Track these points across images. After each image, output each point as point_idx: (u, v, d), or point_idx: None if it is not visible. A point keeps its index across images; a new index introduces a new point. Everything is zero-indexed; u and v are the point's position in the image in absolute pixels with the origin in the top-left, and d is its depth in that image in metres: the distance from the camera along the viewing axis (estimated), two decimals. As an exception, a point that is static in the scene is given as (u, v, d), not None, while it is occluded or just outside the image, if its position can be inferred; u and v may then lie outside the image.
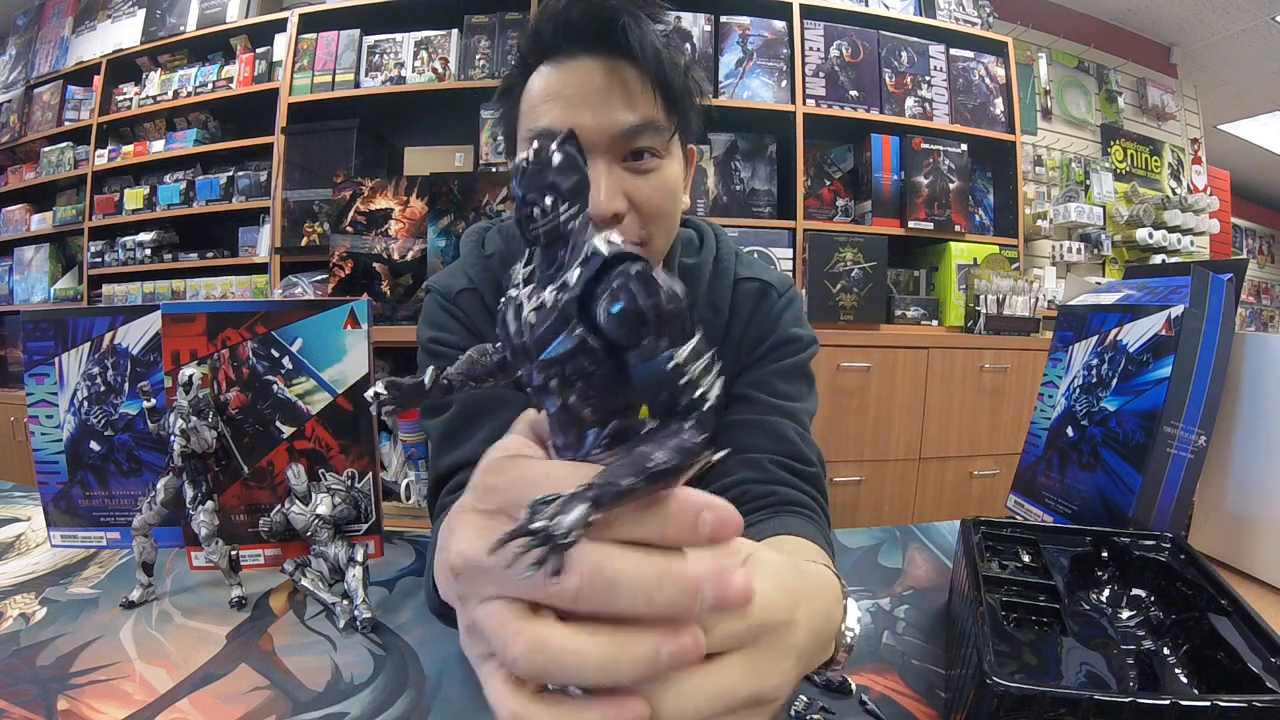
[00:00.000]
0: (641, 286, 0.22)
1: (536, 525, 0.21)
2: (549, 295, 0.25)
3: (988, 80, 2.49)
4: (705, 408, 0.23)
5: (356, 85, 2.27)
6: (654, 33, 0.60)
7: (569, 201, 0.25)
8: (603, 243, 0.24)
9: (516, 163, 0.24)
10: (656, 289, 0.22)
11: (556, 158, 0.24)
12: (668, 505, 0.23)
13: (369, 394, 0.31)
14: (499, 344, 0.28)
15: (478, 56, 2.22)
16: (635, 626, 0.22)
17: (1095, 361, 0.77)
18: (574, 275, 0.24)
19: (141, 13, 2.70)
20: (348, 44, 2.29)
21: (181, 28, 2.60)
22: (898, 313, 2.32)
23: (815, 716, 0.32)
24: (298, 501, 0.64)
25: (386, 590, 0.67)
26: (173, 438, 0.61)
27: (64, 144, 2.81)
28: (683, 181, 0.69)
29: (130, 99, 2.69)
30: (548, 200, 0.24)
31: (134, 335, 0.70)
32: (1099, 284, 0.94)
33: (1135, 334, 0.72)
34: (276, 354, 0.67)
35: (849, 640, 0.39)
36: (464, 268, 0.75)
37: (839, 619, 0.38)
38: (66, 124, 2.81)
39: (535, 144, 0.25)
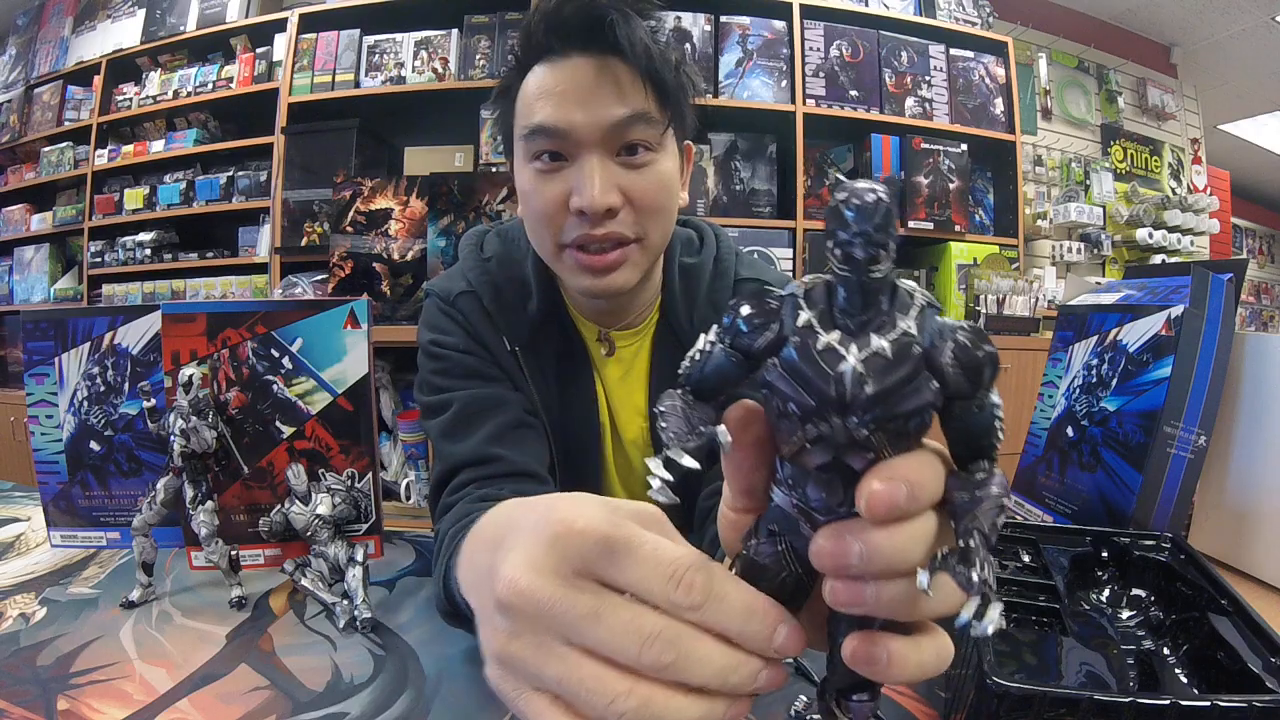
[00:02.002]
0: (983, 340, 0.24)
1: (984, 587, 0.23)
2: (883, 344, 0.23)
3: (988, 80, 2.49)
4: (999, 444, 0.26)
5: (356, 85, 2.27)
6: (643, 29, 0.61)
7: (888, 253, 0.24)
8: (922, 294, 0.25)
9: (859, 197, 0.22)
10: (988, 340, 0.24)
11: (890, 198, 0.24)
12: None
13: (656, 487, 0.26)
14: (776, 395, 0.25)
15: (478, 56, 2.22)
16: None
17: (1095, 361, 0.77)
18: (913, 325, 0.24)
19: (141, 13, 2.70)
20: (348, 44, 2.29)
21: (181, 28, 2.60)
22: (898, 313, 2.32)
23: (815, 717, 0.32)
24: (298, 501, 0.64)
25: (386, 590, 0.67)
26: (173, 438, 0.61)
27: (64, 144, 2.81)
28: (679, 177, 0.69)
29: (130, 99, 2.69)
30: (892, 245, 0.23)
31: (134, 335, 0.70)
32: (1099, 284, 0.94)
33: (1135, 334, 0.72)
34: (276, 354, 0.67)
35: None
36: (463, 271, 0.76)
37: None
38: (66, 124, 2.81)
39: (874, 185, 0.23)
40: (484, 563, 0.28)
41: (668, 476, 0.25)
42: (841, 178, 0.25)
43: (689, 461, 0.25)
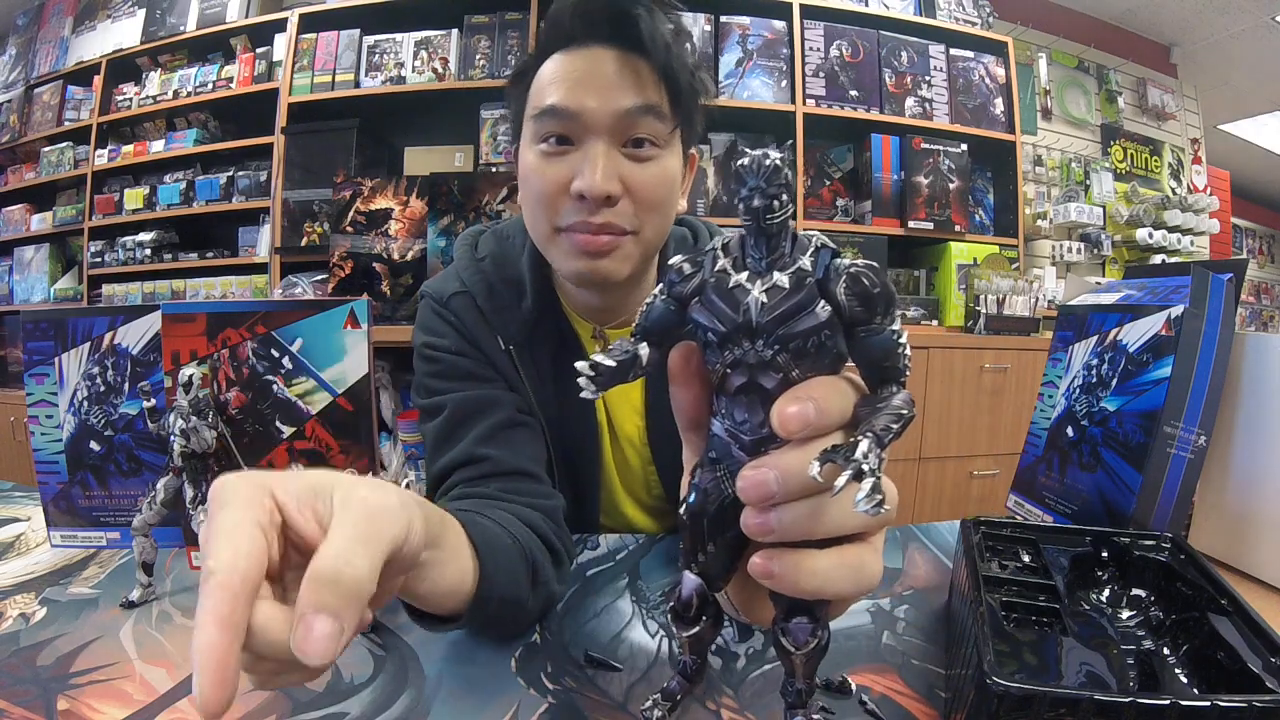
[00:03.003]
0: (876, 274, 0.28)
1: (860, 462, 0.25)
2: (783, 278, 0.28)
3: (988, 80, 2.49)
4: (908, 372, 0.29)
5: (356, 85, 2.27)
6: (666, 28, 0.62)
7: (790, 201, 0.29)
8: (820, 238, 0.29)
9: (754, 160, 0.27)
10: (885, 276, 0.28)
11: (782, 160, 0.28)
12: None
13: (586, 369, 0.31)
14: (700, 328, 0.30)
15: (478, 56, 2.22)
16: None
17: (1095, 361, 0.77)
18: (807, 262, 0.28)
19: (141, 13, 2.70)
20: (348, 44, 2.29)
21: (181, 28, 2.60)
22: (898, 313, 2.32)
23: (815, 716, 0.32)
24: (298, 501, 0.64)
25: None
26: (173, 438, 0.61)
27: (64, 144, 2.81)
28: (681, 181, 0.69)
29: (130, 99, 2.69)
30: (785, 196, 0.28)
31: (134, 335, 0.70)
32: (1099, 284, 0.95)
33: (1135, 334, 0.72)
34: (276, 354, 0.67)
35: None
36: (457, 271, 0.76)
37: None
38: (66, 124, 2.81)
39: (768, 149, 0.28)
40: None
41: (589, 372, 0.31)
42: (744, 147, 0.30)
43: (609, 361, 0.31)
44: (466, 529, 0.46)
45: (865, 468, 0.25)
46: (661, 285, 0.32)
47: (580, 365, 0.31)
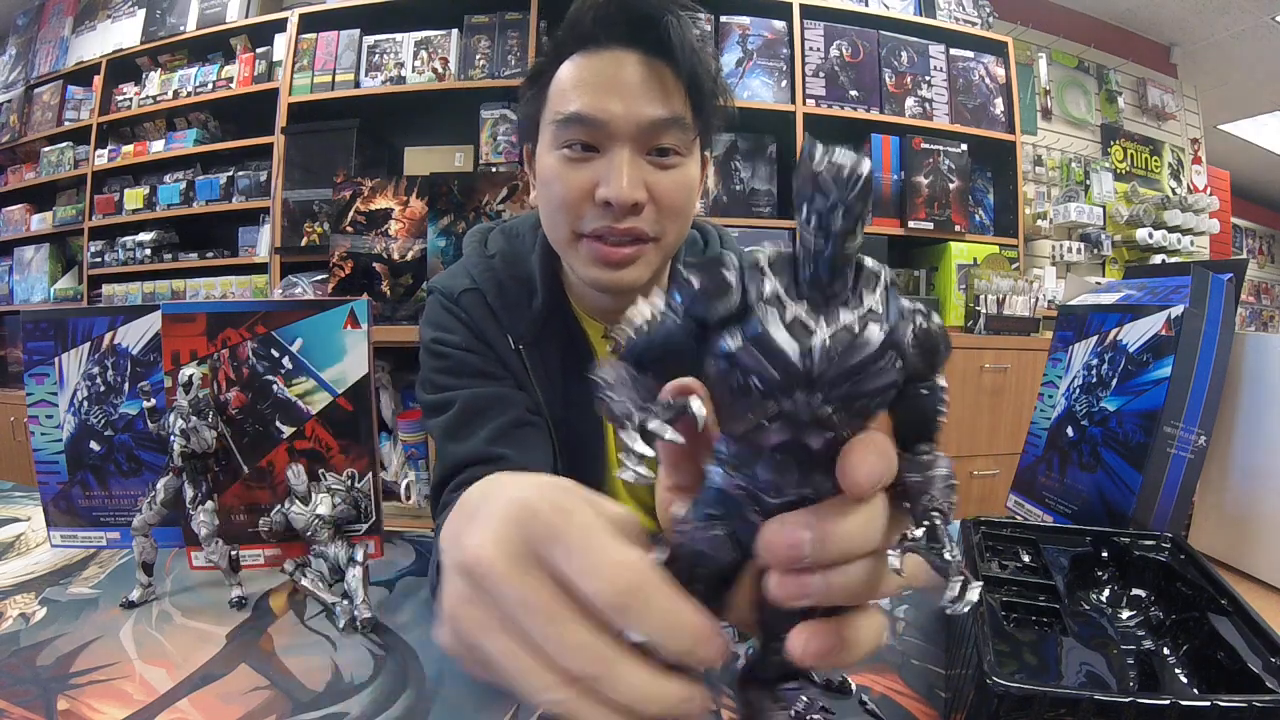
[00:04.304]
0: (941, 326, 0.24)
1: (954, 556, 0.23)
2: (852, 319, 0.22)
3: (988, 80, 2.49)
4: (940, 431, 0.26)
5: (356, 85, 2.27)
6: (693, 34, 0.62)
7: (863, 224, 0.23)
8: (887, 272, 0.24)
9: (840, 166, 0.21)
10: (943, 324, 0.25)
11: (868, 170, 0.22)
12: None
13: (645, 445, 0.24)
14: (738, 368, 0.23)
15: (478, 56, 2.22)
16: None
17: (1095, 361, 0.77)
18: (877, 302, 0.23)
19: (141, 13, 2.70)
20: (348, 44, 2.29)
21: (181, 28, 2.60)
22: (898, 313, 2.32)
23: (815, 716, 0.32)
24: (298, 501, 0.64)
25: (386, 590, 0.67)
26: (173, 438, 0.61)
27: (64, 144, 2.81)
28: (699, 185, 0.70)
29: (130, 99, 2.69)
30: (857, 223, 0.22)
31: (134, 335, 0.70)
32: (1099, 284, 0.95)
33: (1135, 334, 0.72)
34: (276, 354, 0.67)
35: None
36: (466, 268, 0.75)
37: None
38: (66, 124, 2.81)
39: (854, 154, 0.21)
40: (457, 529, 0.28)
41: (649, 452, 0.24)
42: (815, 141, 0.22)
43: (672, 435, 0.24)
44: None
45: (965, 572, 0.23)
46: (671, 297, 0.25)
47: (632, 443, 0.24)
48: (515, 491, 0.26)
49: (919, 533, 0.24)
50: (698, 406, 0.24)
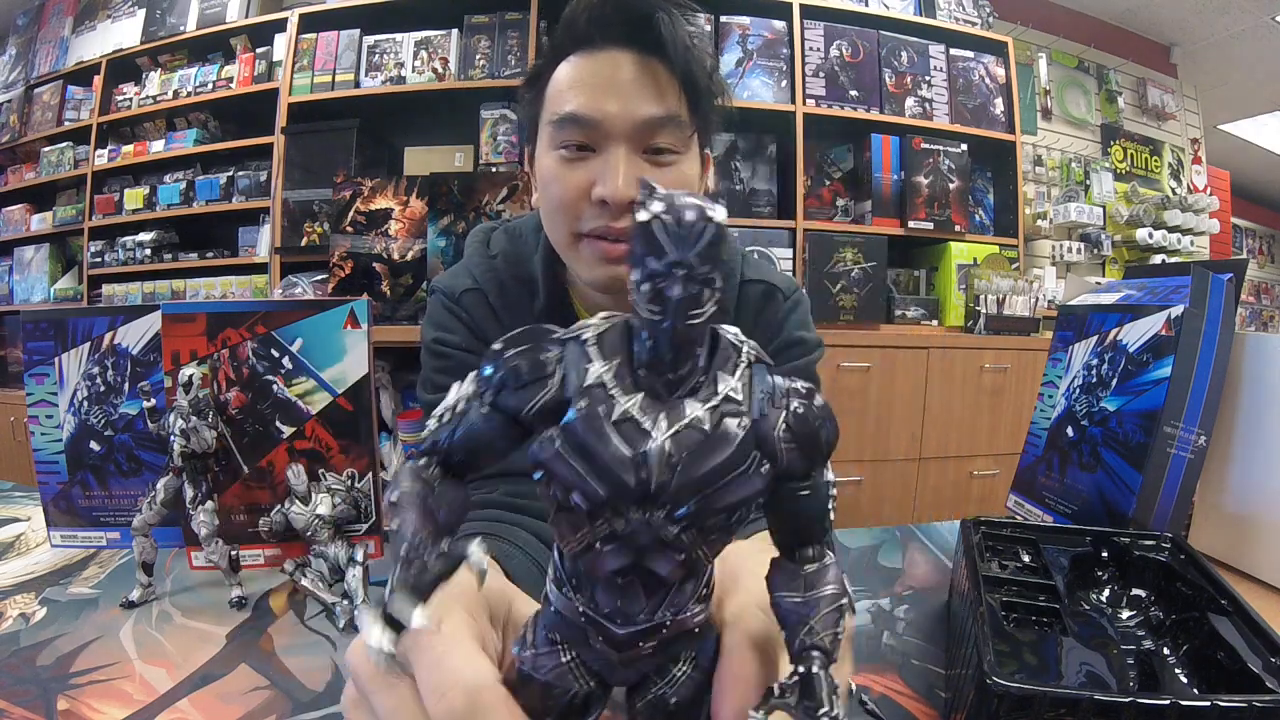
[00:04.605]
0: (823, 409, 0.20)
1: (831, 717, 0.19)
2: (701, 413, 0.18)
3: (988, 80, 2.49)
4: (830, 533, 0.21)
5: (356, 85, 2.27)
6: (686, 31, 0.62)
7: (715, 292, 0.18)
8: (750, 346, 0.20)
9: (679, 215, 0.17)
10: (828, 405, 0.20)
11: (723, 222, 0.17)
12: None
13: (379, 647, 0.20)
14: (555, 480, 0.19)
15: (478, 56, 2.22)
16: None
17: (1095, 361, 0.77)
18: (736, 387, 0.19)
19: (141, 13, 2.70)
20: (348, 44, 2.29)
21: (181, 28, 2.60)
22: (898, 313, 2.32)
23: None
24: (298, 501, 0.64)
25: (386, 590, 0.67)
26: (173, 438, 0.61)
27: (64, 144, 2.81)
28: (698, 183, 0.69)
29: (130, 99, 2.69)
30: (719, 281, 0.17)
31: (134, 335, 0.70)
32: (1099, 284, 0.95)
33: (1135, 334, 0.72)
34: (276, 354, 0.67)
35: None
36: (468, 268, 0.75)
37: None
38: (66, 124, 2.81)
39: (701, 202, 0.17)
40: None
41: (389, 648, 0.19)
42: (655, 185, 0.18)
43: (419, 619, 0.19)
44: (500, 564, 0.46)
45: None
46: (478, 381, 0.20)
47: (368, 630, 0.20)
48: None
49: (791, 681, 0.20)
50: (477, 559, 0.20)
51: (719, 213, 0.17)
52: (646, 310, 0.18)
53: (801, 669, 0.20)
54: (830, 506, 0.21)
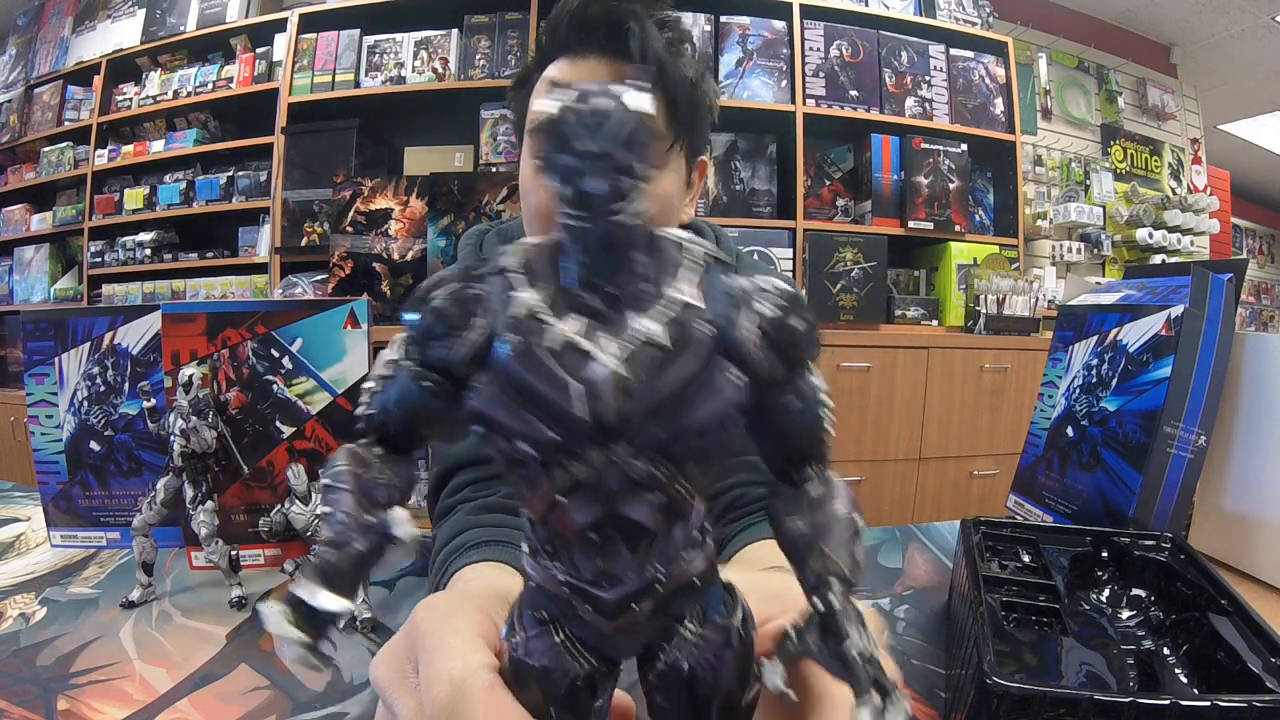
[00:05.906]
0: (801, 303, 0.17)
1: (861, 651, 0.17)
2: (654, 327, 0.16)
3: (988, 80, 2.49)
4: (831, 443, 0.18)
5: (356, 85, 2.27)
6: (660, 41, 0.60)
7: (640, 181, 0.15)
8: (702, 245, 0.17)
9: (587, 101, 0.14)
10: (806, 304, 0.18)
11: (646, 109, 0.15)
12: None
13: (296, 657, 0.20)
14: (497, 431, 0.17)
15: (478, 56, 2.22)
16: None
17: (1095, 361, 0.77)
18: (691, 292, 0.16)
19: (141, 13, 2.70)
20: (348, 44, 2.29)
21: (181, 28, 2.60)
22: (898, 313, 2.32)
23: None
24: (298, 501, 0.64)
25: (386, 590, 0.67)
26: (173, 438, 0.61)
27: (64, 144, 2.81)
28: (684, 195, 0.68)
29: (130, 99, 2.69)
30: (640, 169, 0.15)
31: (134, 335, 0.70)
32: (1099, 284, 0.94)
33: (1135, 334, 0.72)
34: (276, 354, 0.67)
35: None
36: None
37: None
38: (66, 124, 2.81)
39: (613, 85, 0.15)
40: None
41: (298, 635, 0.17)
42: (557, 84, 0.16)
43: (327, 602, 0.17)
44: (514, 565, 0.46)
45: (880, 678, 0.16)
46: (403, 341, 0.19)
47: (271, 619, 0.18)
48: (428, 599, 0.27)
49: (798, 623, 0.18)
50: (404, 531, 0.18)
51: (640, 99, 0.15)
52: (571, 218, 0.16)
53: (819, 600, 0.17)
54: (824, 415, 0.19)
